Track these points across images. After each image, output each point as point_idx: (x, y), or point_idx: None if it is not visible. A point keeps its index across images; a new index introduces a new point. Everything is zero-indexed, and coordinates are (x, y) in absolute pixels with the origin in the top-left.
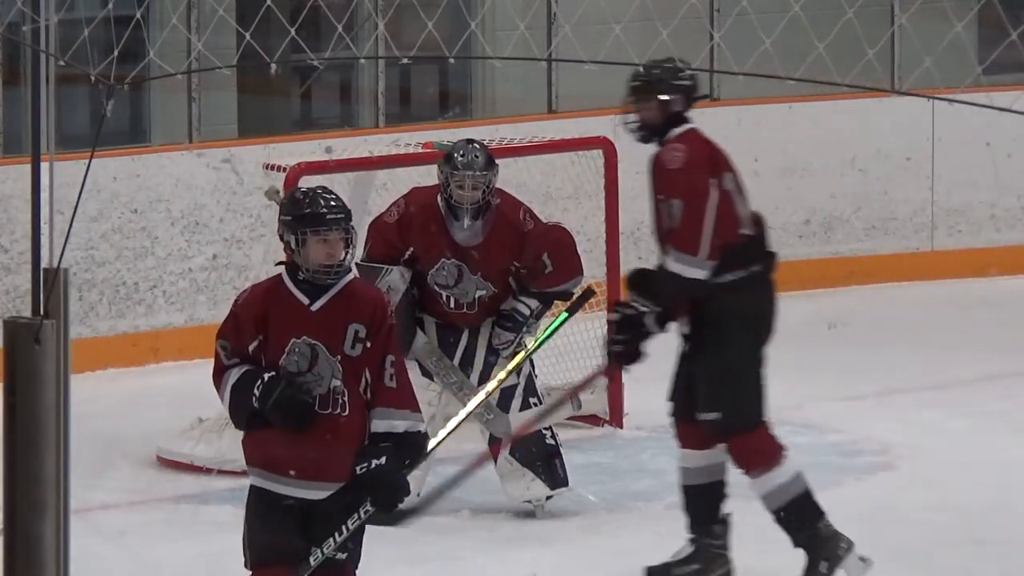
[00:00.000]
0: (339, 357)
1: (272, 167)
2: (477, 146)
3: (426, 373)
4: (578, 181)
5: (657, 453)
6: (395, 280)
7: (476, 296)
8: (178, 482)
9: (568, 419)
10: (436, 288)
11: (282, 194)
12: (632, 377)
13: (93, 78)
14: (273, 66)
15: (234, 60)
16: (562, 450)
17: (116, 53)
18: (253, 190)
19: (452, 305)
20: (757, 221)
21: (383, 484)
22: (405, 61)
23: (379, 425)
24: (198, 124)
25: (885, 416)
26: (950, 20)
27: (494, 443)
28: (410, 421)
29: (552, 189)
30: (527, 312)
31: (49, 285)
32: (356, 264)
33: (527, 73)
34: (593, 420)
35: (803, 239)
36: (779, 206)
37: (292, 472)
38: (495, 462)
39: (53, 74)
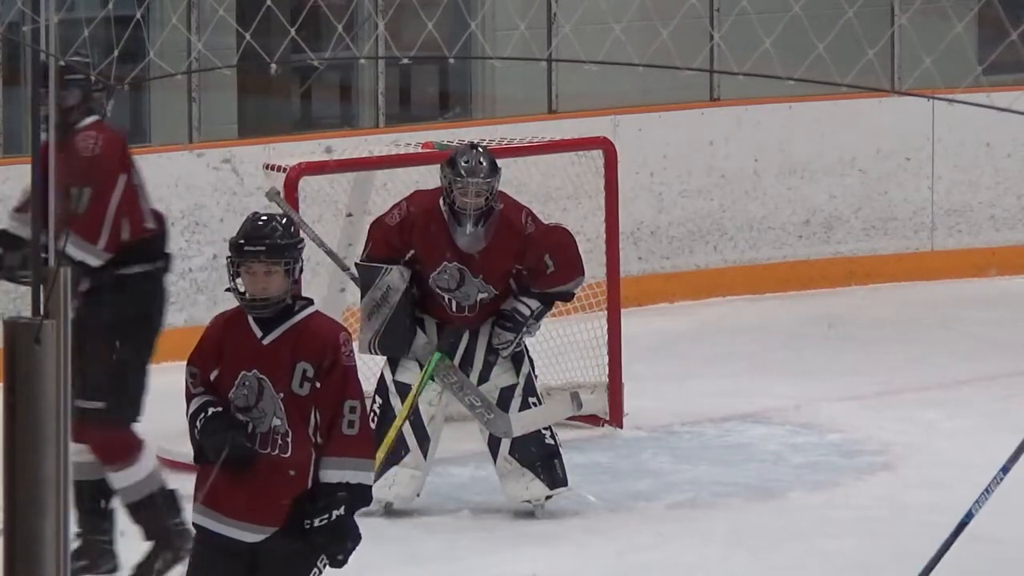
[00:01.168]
0: (282, 395)
1: (272, 167)
2: (481, 151)
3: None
4: (578, 181)
5: (657, 453)
6: (395, 280)
7: (478, 299)
8: (178, 482)
9: (568, 419)
10: (438, 291)
11: (283, 194)
12: (632, 377)
13: (93, 78)
14: (273, 66)
15: (234, 60)
16: (562, 450)
17: (116, 53)
18: (253, 190)
19: (454, 308)
20: (159, 218)
21: (339, 538)
22: (405, 61)
23: (333, 475)
24: (198, 124)
25: (885, 416)
26: (950, 20)
27: (494, 443)
28: (364, 472)
29: (552, 189)
30: (527, 312)
31: (49, 285)
32: (356, 264)
33: (527, 73)
34: (593, 420)
35: (803, 239)
36: (779, 206)
37: (228, 511)
38: (495, 462)
39: (53, 74)
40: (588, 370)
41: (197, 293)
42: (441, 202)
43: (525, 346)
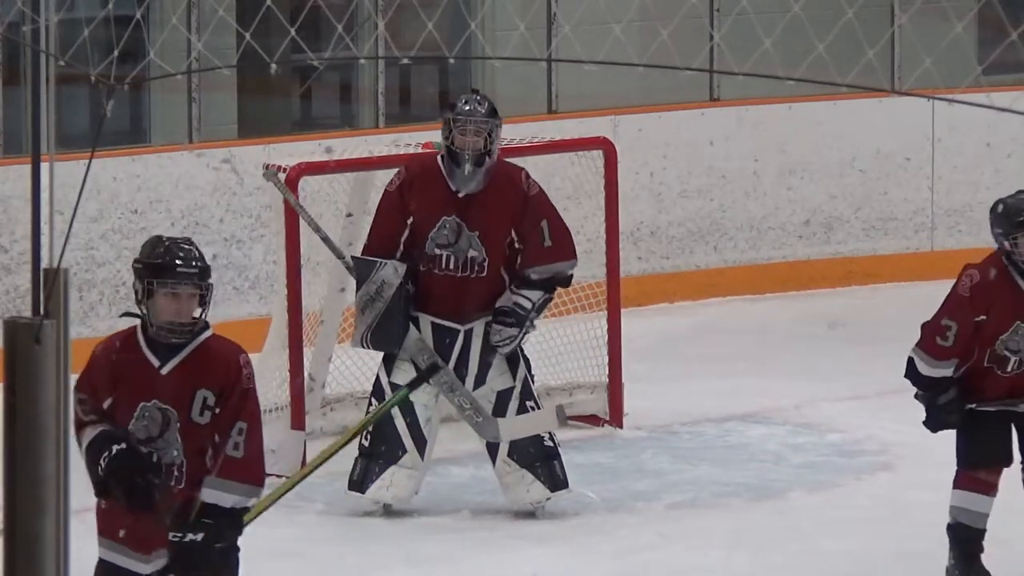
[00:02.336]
0: (179, 425)
1: (272, 167)
2: (482, 95)
3: (420, 374)
4: (578, 181)
5: (657, 453)
6: (388, 275)
7: (469, 256)
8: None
9: (568, 418)
10: (436, 251)
11: (282, 177)
12: (632, 377)
13: (93, 78)
14: (273, 66)
15: (234, 60)
16: (561, 451)
17: (116, 53)
18: (253, 190)
19: (451, 266)
20: None
21: (194, 563)
22: (405, 61)
23: (208, 495)
24: (198, 124)
25: (885, 416)
26: (950, 20)
27: (492, 445)
28: (239, 496)
29: (552, 189)
30: (528, 306)
31: (49, 285)
32: (352, 257)
33: (527, 73)
34: (593, 420)
35: (803, 239)
36: (779, 206)
37: (127, 543)
38: (494, 464)
39: (53, 74)
40: (588, 370)
41: None
42: (440, 159)
43: (521, 347)
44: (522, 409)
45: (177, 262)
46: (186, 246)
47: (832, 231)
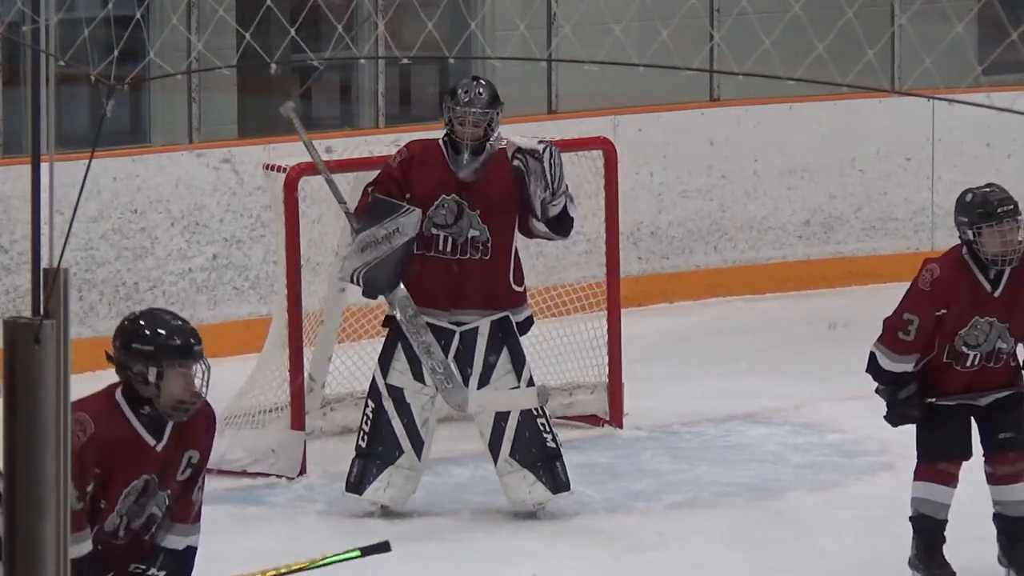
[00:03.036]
0: (168, 491)
1: (272, 167)
2: (483, 83)
3: (418, 376)
4: (578, 181)
5: (657, 453)
6: (407, 224)
7: (469, 236)
8: None
9: (568, 418)
10: (432, 231)
11: (282, 176)
12: (632, 377)
13: (93, 78)
14: (273, 66)
15: (234, 60)
16: (562, 451)
17: (116, 53)
18: (253, 190)
19: (447, 248)
20: None
21: None
22: (405, 61)
23: (172, 541)
24: (198, 124)
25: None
26: (950, 20)
27: (494, 445)
28: (195, 536)
29: None
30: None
31: (49, 285)
32: (374, 196)
33: (527, 73)
34: (593, 420)
35: (803, 239)
36: (779, 206)
37: None
38: (495, 463)
39: (53, 74)
40: (588, 370)
41: (197, 293)
42: (441, 140)
43: (523, 349)
44: (527, 411)
45: (191, 340)
46: (179, 321)
47: (832, 231)
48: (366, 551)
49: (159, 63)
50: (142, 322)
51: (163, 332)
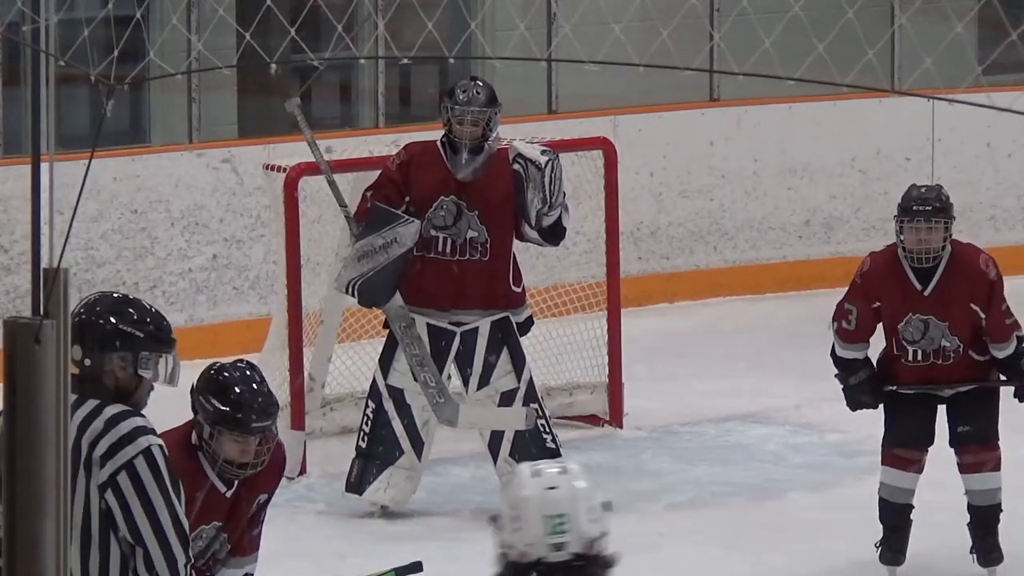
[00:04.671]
0: (239, 531)
1: (272, 167)
2: (480, 83)
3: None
4: (578, 181)
5: (657, 453)
6: (405, 235)
7: (468, 237)
8: None
9: (568, 418)
10: (432, 233)
11: (281, 176)
12: (632, 377)
13: (93, 78)
14: (273, 66)
15: (234, 60)
16: (562, 451)
17: (116, 53)
18: (253, 190)
19: (446, 249)
20: None
21: None
22: (405, 61)
23: (233, 575)
24: (198, 124)
25: None
26: (950, 20)
27: (494, 446)
28: (253, 564)
29: None
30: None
31: (49, 285)
32: (374, 204)
33: (527, 73)
34: (593, 420)
35: (803, 239)
36: (779, 206)
37: None
38: (495, 464)
39: (53, 74)
40: (588, 370)
41: (197, 293)
42: (439, 141)
43: (523, 349)
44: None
45: (253, 416)
46: (256, 389)
47: (832, 231)
48: (400, 572)
49: (159, 63)
50: (217, 376)
51: (229, 397)
